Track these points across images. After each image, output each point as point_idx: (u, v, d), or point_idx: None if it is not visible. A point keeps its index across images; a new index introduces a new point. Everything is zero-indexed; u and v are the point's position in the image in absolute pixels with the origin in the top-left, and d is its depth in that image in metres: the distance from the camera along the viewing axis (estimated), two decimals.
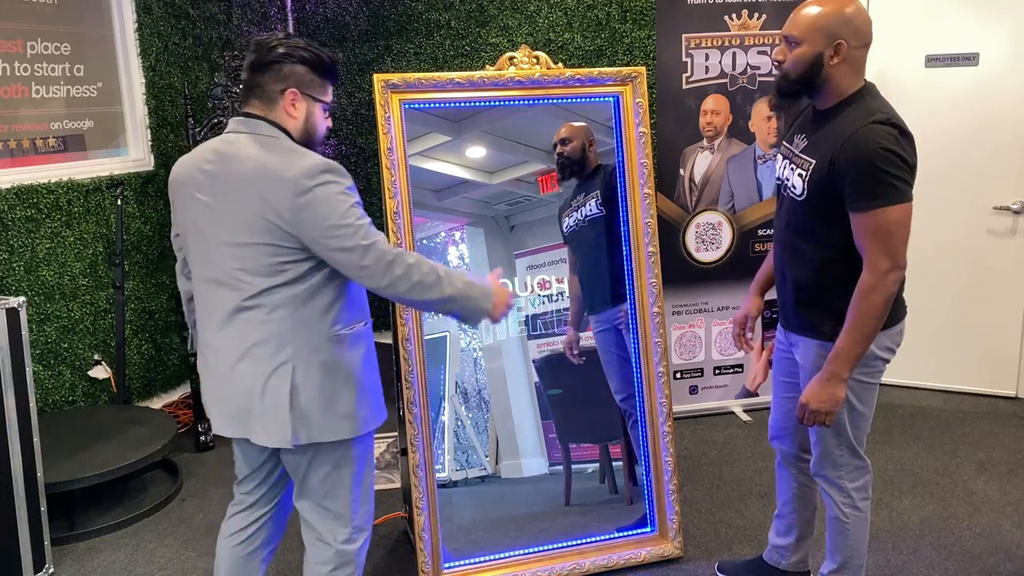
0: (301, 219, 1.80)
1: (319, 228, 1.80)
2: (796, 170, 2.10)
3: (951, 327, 4.17)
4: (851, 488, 2.25)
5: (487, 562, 2.68)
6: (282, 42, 1.91)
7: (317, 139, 1.98)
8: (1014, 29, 3.87)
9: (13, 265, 3.48)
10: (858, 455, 2.24)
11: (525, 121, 2.77)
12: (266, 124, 1.90)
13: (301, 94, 1.92)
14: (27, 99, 3.59)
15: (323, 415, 1.91)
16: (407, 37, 4.81)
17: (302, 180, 1.79)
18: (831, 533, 2.33)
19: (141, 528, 3.15)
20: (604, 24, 4.33)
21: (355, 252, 1.81)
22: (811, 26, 1.99)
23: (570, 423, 2.80)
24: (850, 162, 1.93)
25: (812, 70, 2.01)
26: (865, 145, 1.91)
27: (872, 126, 1.92)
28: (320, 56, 1.93)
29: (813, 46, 1.99)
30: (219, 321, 1.91)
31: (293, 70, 1.90)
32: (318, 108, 1.96)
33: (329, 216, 1.80)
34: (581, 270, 2.81)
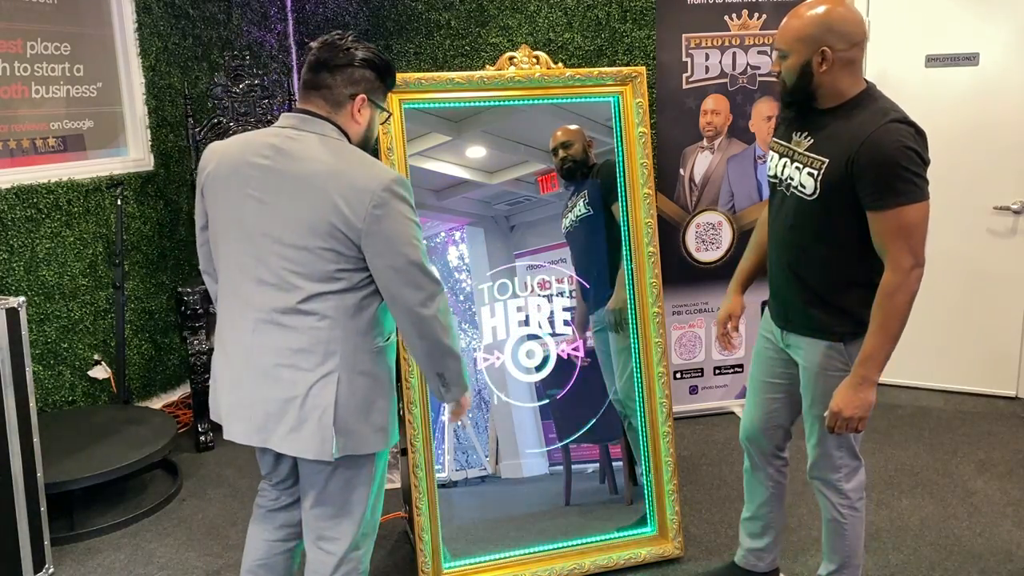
0: (372, 231, 1.77)
1: (385, 241, 1.78)
2: (804, 169, 2.09)
3: (951, 327, 4.17)
4: (848, 489, 2.25)
5: (487, 562, 2.68)
6: (356, 45, 1.88)
7: (371, 146, 1.97)
8: (1014, 29, 3.87)
9: (13, 265, 3.48)
10: (856, 456, 2.25)
11: (525, 121, 2.77)
12: (331, 126, 1.86)
13: (368, 100, 1.90)
14: (27, 99, 3.59)
15: (361, 427, 1.89)
16: (407, 37, 4.81)
17: (380, 192, 1.77)
18: (828, 535, 2.32)
19: (141, 528, 3.15)
20: (604, 24, 4.33)
21: (410, 274, 1.81)
22: (794, 37, 2.01)
23: (570, 423, 2.80)
24: (872, 162, 1.93)
25: (803, 79, 2.03)
26: (887, 145, 1.92)
27: (890, 125, 1.94)
28: (389, 64, 1.93)
29: (799, 56, 2.01)
30: (258, 321, 1.84)
31: (365, 75, 1.88)
32: (378, 116, 1.97)
33: (399, 232, 1.79)
34: (578, 270, 2.81)
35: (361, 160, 1.83)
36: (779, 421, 2.40)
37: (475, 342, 2.74)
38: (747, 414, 2.49)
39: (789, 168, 2.14)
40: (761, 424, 2.43)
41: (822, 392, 2.17)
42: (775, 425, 2.41)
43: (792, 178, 2.13)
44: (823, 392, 2.17)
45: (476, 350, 2.74)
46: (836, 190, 2.01)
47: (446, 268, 2.73)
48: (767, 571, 2.58)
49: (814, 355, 2.17)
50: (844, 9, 2.01)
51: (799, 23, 2.01)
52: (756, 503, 2.53)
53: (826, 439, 2.21)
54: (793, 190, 2.13)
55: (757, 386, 2.43)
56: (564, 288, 2.80)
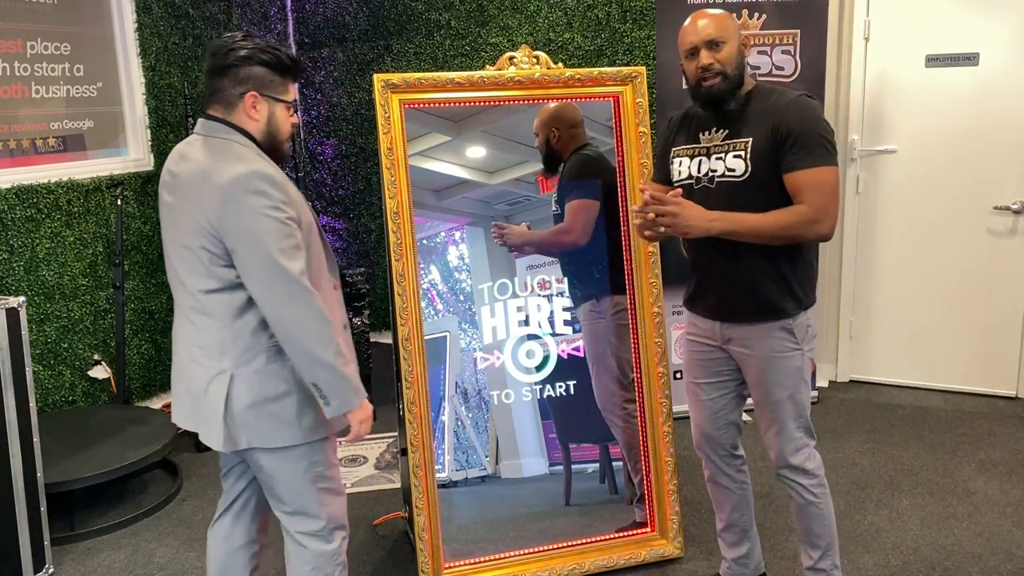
0: (226, 228, 1.81)
1: (237, 237, 1.81)
2: (728, 154, 2.18)
3: (951, 327, 4.17)
4: (813, 468, 2.29)
5: (487, 562, 2.67)
6: (239, 44, 1.89)
7: (282, 138, 1.98)
8: (1014, 29, 3.87)
9: (13, 265, 3.48)
10: (812, 434, 2.31)
11: (525, 121, 2.76)
12: (224, 127, 1.91)
13: (261, 96, 1.92)
14: (27, 99, 3.59)
15: (264, 422, 1.91)
16: (407, 37, 4.81)
17: (230, 187, 1.80)
18: (807, 521, 2.33)
19: (141, 528, 3.15)
20: (604, 24, 4.33)
21: (261, 272, 1.81)
22: (725, 25, 2.16)
23: (570, 423, 2.80)
24: (798, 124, 2.08)
25: (741, 64, 2.18)
26: (808, 113, 2.11)
27: (805, 99, 2.14)
28: (278, 56, 1.92)
29: (736, 41, 2.17)
30: (179, 316, 2.00)
31: (251, 72, 1.90)
32: (280, 108, 1.96)
33: (251, 228, 1.80)
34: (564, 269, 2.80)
35: (228, 157, 1.86)
36: (729, 418, 2.42)
37: (475, 342, 2.74)
38: (695, 421, 2.46)
39: (708, 162, 2.21)
40: (712, 425, 2.42)
41: (777, 376, 2.23)
42: (726, 422, 2.41)
43: (716, 169, 2.20)
44: (778, 376, 2.23)
45: (476, 350, 2.74)
46: (767, 161, 2.12)
47: (446, 268, 2.73)
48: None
49: (763, 341, 2.22)
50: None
51: (719, 14, 2.18)
52: (727, 511, 2.51)
53: (787, 423, 2.25)
54: (719, 180, 2.19)
55: (697, 390, 2.42)
56: (564, 288, 2.80)
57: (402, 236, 2.57)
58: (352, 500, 3.30)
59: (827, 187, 2.08)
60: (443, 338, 2.73)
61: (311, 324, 1.84)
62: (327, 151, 5.15)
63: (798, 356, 2.22)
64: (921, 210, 4.09)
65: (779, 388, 2.24)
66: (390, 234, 2.58)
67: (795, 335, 2.21)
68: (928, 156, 4.06)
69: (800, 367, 2.24)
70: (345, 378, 1.89)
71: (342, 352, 1.89)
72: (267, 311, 1.84)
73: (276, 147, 1.97)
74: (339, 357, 1.88)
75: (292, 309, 1.82)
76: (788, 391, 2.24)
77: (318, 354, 1.85)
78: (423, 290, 2.66)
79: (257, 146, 1.93)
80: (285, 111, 1.97)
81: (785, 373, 2.23)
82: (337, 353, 1.87)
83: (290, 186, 1.92)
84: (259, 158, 1.90)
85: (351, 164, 5.13)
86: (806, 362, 2.25)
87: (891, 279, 4.27)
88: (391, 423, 3.99)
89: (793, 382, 2.24)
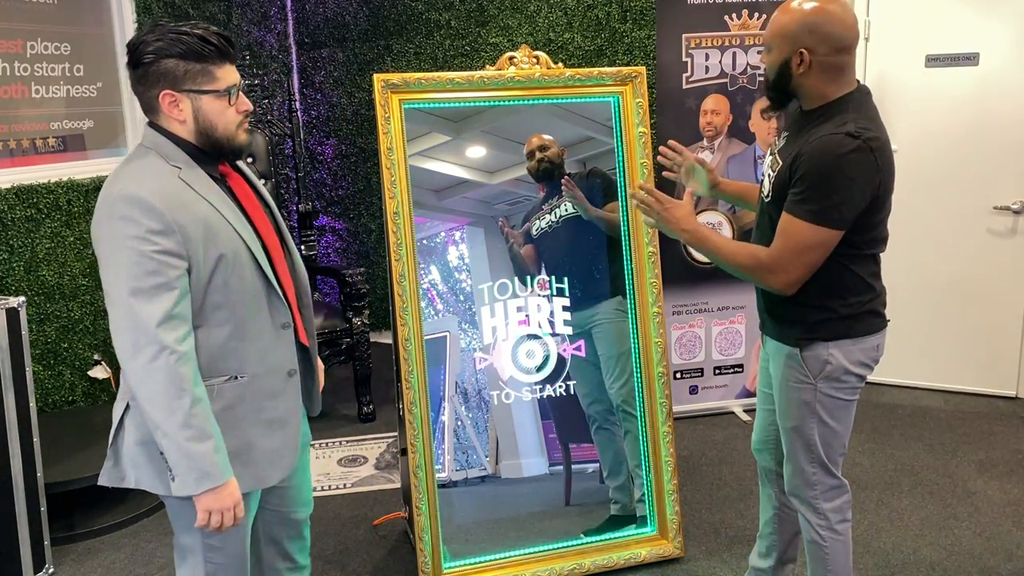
0: (96, 253, 1.63)
1: (101, 265, 1.61)
2: (768, 170, 2.07)
3: (951, 327, 4.17)
4: (827, 509, 2.12)
5: (487, 562, 2.67)
6: (144, 40, 1.64)
7: (221, 133, 1.70)
8: (1014, 29, 3.87)
9: (13, 265, 3.48)
10: (832, 474, 2.12)
11: (525, 121, 2.77)
12: (152, 132, 1.71)
13: (178, 92, 1.66)
14: (27, 99, 3.59)
15: (147, 464, 1.72)
16: (407, 37, 4.81)
17: (98, 209, 1.61)
18: (810, 559, 2.20)
19: (141, 528, 3.15)
20: (604, 24, 4.33)
21: (112, 308, 1.60)
22: (777, 33, 1.95)
23: (570, 423, 2.80)
24: (807, 165, 1.88)
25: (781, 78, 1.97)
26: (825, 156, 1.85)
27: (840, 138, 1.85)
28: (189, 43, 1.63)
29: (779, 53, 1.95)
30: None
31: (161, 69, 1.64)
32: (207, 100, 1.67)
33: (108, 258, 1.60)
34: (553, 272, 2.78)
35: (119, 172, 1.66)
36: (779, 436, 2.25)
37: (475, 342, 2.74)
38: (754, 427, 2.40)
39: (766, 167, 2.11)
40: (762, 436, 2.35)
41: (786, 405, 2.10)
42: (776, 440, 2.28)
43: (762, 176, 2.13)
44: (787, 406, 2.10)
45: (476, 350, 2.74)
46: (782, 194, 1.96)
47: (446, 268, 2.74)
48: None
49: (779, 363, 2.10)
50: (836, 9, 1.90)
51: (784, 19, 1.93)
52: (763, 520, 2.43)
53: (796, 453, 2.11)
54: (760, 192, 2.13)
55: (759, 397, 2.35)
56: (564, 288, 2.79)
57: (402, 236, 2.57)
58: (352, 500, 3.31)
59: (794, 241, 1.90)
60: (443, 338, 2.73)
61: (151, 384, 1.58)
62: (327, 151, 5.15)
63: (808, 391, 2.03)
64: (921, 210, 4.08)
65: (785, 416, 2.11)
66: (390, 234, 2.57)
67: (805, 367, 2.02)
68: (928, 156, 4.06)
69: (809, 402, 2.04)
70: (189, 456, 1.60)
71: (192, 424, 1.60)
72: (118, 355, 1.61)
73: (217, 144, 1.71)
74: (186, 428, 1.59)
75: (134, 361, 1.59)
76: (793, 423, 2.09)
77: (155, 419, 1.60)
78: (423, 290, 2.66)
79: (193, 149, 1.71)
80: (216, 101, 1.68)
81: (791, 404, 2.07)
82: (184, 424, 1.59)
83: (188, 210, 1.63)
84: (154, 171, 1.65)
85: (351, 164, 5.13)
86: (824, 399, 2.03)
87: (891, 279, 4.23)
88: (391, 423, 3.99)
89: (800, 415, 2.07)
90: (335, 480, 3.49)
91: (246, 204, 1.79)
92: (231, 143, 1.73)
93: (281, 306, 1.80)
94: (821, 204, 1.86)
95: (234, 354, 1.74)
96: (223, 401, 1.74)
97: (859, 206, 1.89)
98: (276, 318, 1.80)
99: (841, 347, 2.01)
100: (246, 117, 1.74)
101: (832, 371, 2.01)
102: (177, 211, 1.62)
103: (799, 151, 1.91)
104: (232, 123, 1.71)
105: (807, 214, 1.88)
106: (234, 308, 1.72)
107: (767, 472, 2.39)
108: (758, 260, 1.98)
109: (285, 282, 1.84)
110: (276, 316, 1.80)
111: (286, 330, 1.82)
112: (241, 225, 1.74)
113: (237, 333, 1.73)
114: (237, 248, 1.71)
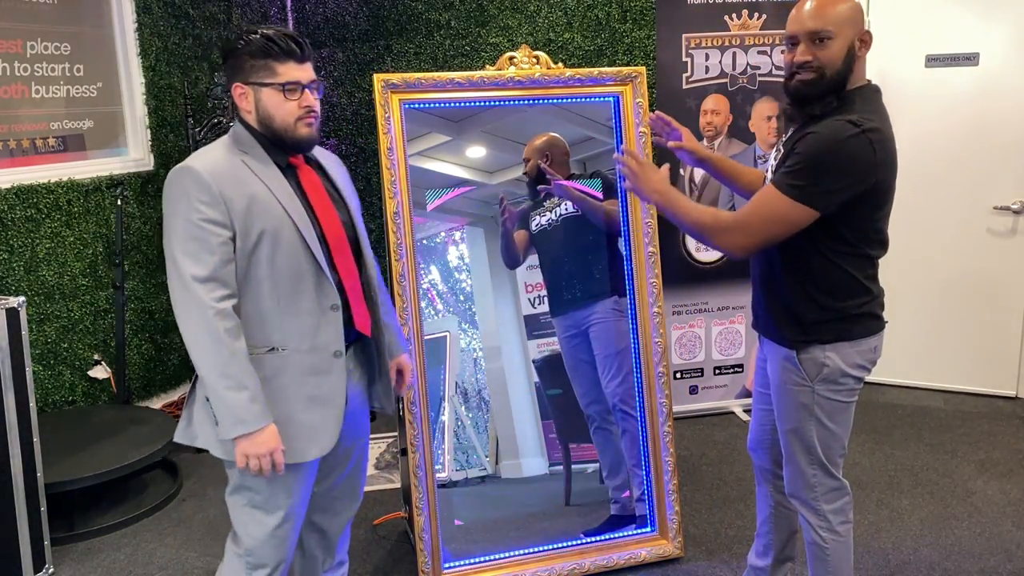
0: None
1: (164, 228, 1.81)
2: (772, 162, 2.07)
3: (951, 327, 4.17)
4: (828, 511, 2.12)
5: (487, 562, 2.68)
6: (226, 41, 1.90)
7: (279, 124, 1.85)
8: (1014, 29, 3.87)
9: (13, 265, 3.48)
10: (832, 476, 2.11)
11: (525, 121, 2.77)
12: (236, 123, 1.91)
13: (245, 85, 1.84)
14: (27, 99, 3.59)
15: (207, 422, 1.87)
16: (407, 37, 4.81)
17: (166, 181, 1.82)
18: (810, 560, 2.20)
19: (141, 528, 3.15)
20: (604, 24, 4.33)
21: (167, 264, 1.79)
22: (841, 18, 1.89)
23: (570, 423, 2.80)
24: (804, 144, 1.88)
25: (848, 64, 1.91)
26: (825, 138, 1.86)
27: (844, 124, 1.86)
28: (253, 40, 1.81)
29: (846, 39, 1.90)
30: None
31: (234, 64, 1.84)
32: (267, 92, 1.83)
33: (166, 221, 1.80)
34: (549, 270, 2.78)
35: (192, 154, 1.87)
36: (775, 435, 2.26)
37: (475, 342, 2.74)
38: (751, 427, 2.41)
39: (771, 160, 2.11)
40: (757, 435, 2.35)
41: (784, 407, 2.10)
42: (773, 440, 2.29)
43: (766, 171, 2.14)
44: (785, 408, 2.10)
45: (476, 350, 2.74)
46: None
47: (446, 268, 2.73)
48: None
49: (776, 365, 2.10)
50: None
51: (842, 4, 1.90)
52: (761, 518, 2.45)
53: (795, 455, 2.11)
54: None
55: (755, 396, 2.35)
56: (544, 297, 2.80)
57: (402, 236, 2.57)
58: None
59: (767, 209, 1.90)
60: (443, 338, 2.73)
61: (193, 335, 1.77)
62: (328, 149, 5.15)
63: (806, 393, 2.03)
64: (921, 210, 4.09)
65: (784, 419, 2.11)
66: (390, 234, 2.58)
67: (802, 370, 2.02)
68: (928, 156, 4.06)
69: (807, 405, 2.04)
70: (225, 403, 1.77)
71: (229, 373, 1.76)
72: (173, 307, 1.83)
73: (276, 134, 1.86)
74: (224, 378, 1.76)
75: (179, 310, 1.78)
76: (792, 425, 2.09)
77: (199, 368, 1.79)
78: (423, 290, 2.66)
79: (264, 139, 1.87)
80: (275, 95, 1.83)
81: (789, 406, 2.08)
82: (222, 373, 1.76)
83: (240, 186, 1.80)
84: (219, 152, 1.84)
85: (351, 164, 5.13)
86: (822, 402, 2.03)
87: (891, 279, 4.24)
88: (391, 423, 3.99)
89: (798, 417, 2.07)
90: None
91: (311, 193, 1.91)
92: (289, 134, 1.85)
93: (330, 289, 1.89)
94: (806, 182, 1.86)
95: (276, 327, 1.86)
96: (264, 371, 1.85)
97: (845, 194, 1.87)
98: (323, 300, 1.89)
99: (838, 349, 2.00)
100: (307, 113, 1.85)
101: (829, 373, 2.01)
102: (226, 185, 1.78)
103: (802, 135, 1.91)
104: (290, 116, 1.84)
105: (789, 188, 1.87)
106: (277, 282, 1.83)
107: (763, 471, 2.39)
108: (718, 219, 1.99)
109: (343, 269, 1.93)
110: (324, 298, 1.89)
111: (334, 312, 1.90)
112: (294, 207, 1.85)
113: (281, 307, 1.85)
114: (282, 226, 1.83)
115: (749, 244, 1.95)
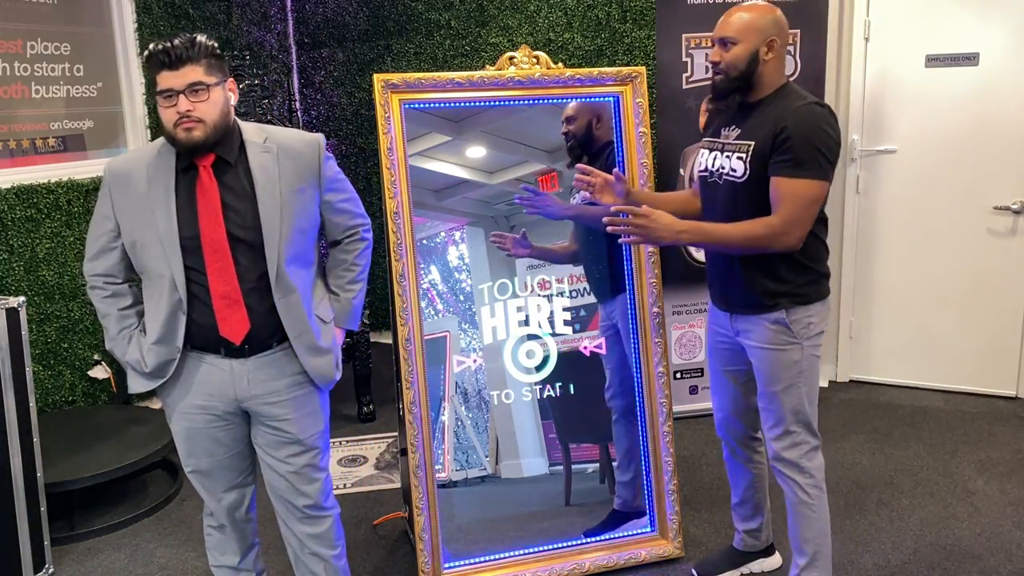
0: None
1: None
2: (734, 155, 2.24)
3: (951, 327, 4.17)
4: (811, 468, 2.31)
5: (487, 562, 2.68)
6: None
7: (165, 130, 1.98)
8: (1014, 29, 3.87)
9: (13, 265, 3.48)
10: (813, 433, 2.32)
11: (525, 121, 2.77)
12: None
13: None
14: (27, 99, 3.59)
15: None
16: (407, 37, 4.81)
17: None
18: (796, 522, 2.36)
19: (141, 528, 3.15)
20: (604, 24, 4.33)
21: None
22: (746, 27, 2.18)
23: (570, 423, 2.80)
24: (795, 129, 2.10)
25: (750, 67, 2.20)
26: (811, 119, 2.11)
27: (813, 107, 2.14)
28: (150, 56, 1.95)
29: (749, 45, 2.18)
30: None
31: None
32: (158, 101, 1.97)
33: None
34: (584, 261, 2.80)
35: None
36: (751, 403, 2.48)
37: (475, 342, 2.74)
38: (716, 405, 2.58)
39: (720, 159, 2.29)
40: (732, 409, 2.53)
41: (776, 369, 2.27)
42: (745, 408, 2.50)
43: (723, 167, 2.27)
44: (775, 369, 2.27)
45: (476, 350, 2.74)
46: (764, 166, 2.16)
47: (446, 268, 2.73)
48: (764, 548, 2.69)
49: (762, 333, 2.27)
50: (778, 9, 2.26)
51: (750, 15, 2.20)
52: (743, 487, 2.62)
53: (784, 417, 2.28)
54: (725, 177, 2.27)
55: (720, 378, 2.53)
56: (564, 288, 2.80)
57: (402, 236, 2.57)
58: (352, 500, 3.31)
59: (803, 200, 2.11)
60: (443, 338, 2.73)
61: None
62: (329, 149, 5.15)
63: (796, 350, 2.25)
64: (921, 210, 4.08)
65: (775, 380, 2.28)
66: (390, 234, 2.58)
67: (791, 329, 2.24)
68: (928, 156, 4.06)
69: (798, 361, 2.26)
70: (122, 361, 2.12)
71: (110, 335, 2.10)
72: None
73: (168, 138, 2.00)
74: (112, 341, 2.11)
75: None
76: (783, 384, 2.27)
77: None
78: (423, 290, 2.66)
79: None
80: (160, 103, 1.96)
81: (781, 366, 2.26)
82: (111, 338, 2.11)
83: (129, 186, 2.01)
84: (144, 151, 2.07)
85: (351, 164, 5.13)
86: (807, 357, 2.26)
87: (891, 279, 4.27)
88: (391, 423, 3.99)
89: (790, 375, 2.26)
90: (335, 480, 3.49)
91: (200, 198, 2.00)
92: (172, 138, 1.98)
93: (179, 293, 2.01)
94: (818, 160, 2.11)
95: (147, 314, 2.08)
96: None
97: (837, 161, 2.16)
98: (174, 301, 2.02)
99: (816, 308, 2.26)
100: (181, 118, 1.94)
101: (814, 330, 2.26)
102: (119, 182, 2.03)
103: (779, 126, 2.12)
104: (169, 122, 1.96)
105: (807, 173, 2.10)
106: (145, 277, 2.07)
107: (739, 442, 2.56)
108: (770, 226, 2.13)
109: (215, 275, 2.00)
110: (174, 299, 2.02)
111: (183, 314, 2.03)
112: (164, 211, 1.99)
113: (148, 299, 2.07)
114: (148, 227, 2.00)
115: (803, 234, 2.15)
